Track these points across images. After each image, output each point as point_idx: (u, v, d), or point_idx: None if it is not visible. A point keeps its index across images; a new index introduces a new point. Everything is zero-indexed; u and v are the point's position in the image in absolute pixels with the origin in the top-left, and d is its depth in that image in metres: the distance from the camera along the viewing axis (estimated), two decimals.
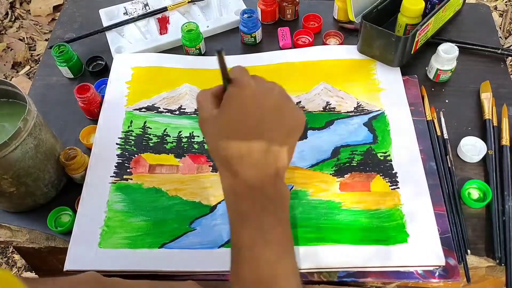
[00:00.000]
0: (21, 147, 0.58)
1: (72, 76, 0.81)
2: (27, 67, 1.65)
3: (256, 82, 0.46)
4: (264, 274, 0.43)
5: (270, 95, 0.46)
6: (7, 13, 1.79)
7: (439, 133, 0.70)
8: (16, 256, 1.23)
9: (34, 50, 1.69)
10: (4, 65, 1.63)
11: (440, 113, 0.72)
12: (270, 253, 0.43)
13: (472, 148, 0.68)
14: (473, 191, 0.64)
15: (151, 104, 0.75)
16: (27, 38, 1.72)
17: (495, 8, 1.70)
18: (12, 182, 0.60)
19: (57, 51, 0.78)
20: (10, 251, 1.24)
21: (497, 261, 0.59)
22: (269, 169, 0.45)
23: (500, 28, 1.64)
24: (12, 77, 1.61)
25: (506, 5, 1.71)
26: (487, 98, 0.73)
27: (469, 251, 0.59)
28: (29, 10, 1.78)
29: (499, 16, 1.68)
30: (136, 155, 0.69)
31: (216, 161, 0.47)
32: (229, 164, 0.45)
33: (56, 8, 1.75)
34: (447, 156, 0.67)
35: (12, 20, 1.78)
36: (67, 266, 0.59)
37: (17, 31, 1.74)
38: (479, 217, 0.63)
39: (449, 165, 0.66)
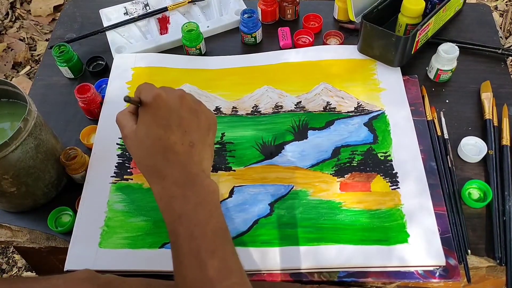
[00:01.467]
0: (22, 147, 0.58)
1: (73, 76, 0.81)
2: (28, 67, 1.64)
3: (165, 91, 0.49)
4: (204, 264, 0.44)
5: (182, 101, 0.49)
6: (7, 13, 1.79)
7: (439, 133, 0.70)
8: (17, 256, 1.23)
9: (35, 50, 1.69)
10: (5, 65, 1.63)
11: (440, 113, 0.72)
12: (208, 243, 0.45)
13: (473, 148, 0.68)
14: (474, 191, 0.64)
15: None
16: (27, 38, 1.72)
17: (496, 8, 1.70)
18: (13, 182, 0.60)
19: (58, 51, 0.78)
20: (11, 251, 1.24)
21: (498, 261, 0.58)
22: (195, 167, 0.48)
23: (500, 28, 1.64)
24: (13, 77, 1.61)
25: (506, 5, 1.71)
26: (487, 98, 0.73)
27: (469, 251, 0.59)
28: (30, 10, 1.78)
29: (500, 16, 1.68)
30: None
31: (144, 172, 0.49)
32: (156, 170, 0.47)
33: (57, 8, 1.75)
34: (447, 156, 0.67)
35: (13, 20, 1.78)
36: (68, 266, 0.59)
37: (17, 31, 1.74)
38: (479, 217, 0.63)
39: (449, 165, 0.66)
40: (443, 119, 0.71)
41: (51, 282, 0.50)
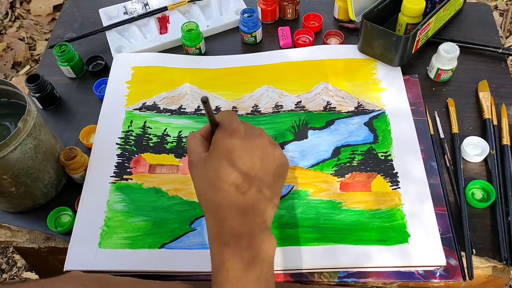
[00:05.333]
0: (21, 147, 0.58)
1: (74, 76, 0.81)
2: (27, 67, 1.64)
3: (245, 128, 0.46)
4: None
5: (259, 142, 0.46)
6: (7, 13, 1.78)
7: (440, 133, 0.69)
8: (16, 256, 1.23)
9: (34, 49, 1.69)
10: (4, 64, 1.63)
11: (441, 113, 0.72)
12: None
13: (475, 148, 0.68)
14: (477, 191, 0.64)
15: (151, 104, 0.74)
16: (27, 37, 1.72)
17: (496, 7, 1.70)
18: (12, 182, 0.60)
19: (59, 50, 0.78)
20: (11, 251, 1.24)
21: (504, 262, 0.58)
22: (257, 217, 0.44)
23: (500, 27, 1.64)
24: (12, 77, 1.61)
25: (506, 4, 1.71)
26: (484, 97, 0.72)
27: (474, 250, 0.59)
28: (29, 10, 1.78)
29: (500, 16, 1.67)
30: (136, 155, 0.69)
31: (203, 206, 0.46)
32: (216, 210, 0.44)
33: (56, 8, 1.75)
34: (445, 156, 0.67)
35: (12, 19, 1.77)
36: (67, 266, 0.59)
37: (17, 30, 1.74)
38: (479, 217, 0.63)
39: (448, 165, 0.66)
40: (437, 119, 0.71)
41: (38, 282, 0.49)
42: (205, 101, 0.43)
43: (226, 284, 0.43)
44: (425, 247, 0.58)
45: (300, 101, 0.74)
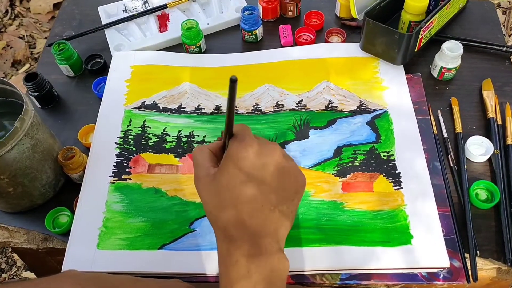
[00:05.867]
0: (18, 147, 0.57)
1: (73, 74, 0.80)
2: (27, 65, 1.64)
3: (259, 143, 0.44)
4: None
5: (273, 157, 0.43)
6: (7, 11, 1.78)
7: (443, 132, 0.68)
8: (16, 256, 1.23)
9: (34, 48, 1.68)
10: (4, 63, 1.62)
11: (444, 112, 0.71)
12: None
13: (479, 148, 0.67)
14: (481, 191, 0.63)
15: (150, 103, 0.74)
16: (27, 36, 1.71)
17: (498, 5, 1.69)
18: (9, 183, 0.59)
19: (57, 49, 0.77)
20: (10, 250, 1.24)
21: (509, 263, 0.57)
22: (270, 237, 0.42)
23: (503, 25, 1.63)
24: (12, 75, 1.60)
25: (509, 2, 1.70)
26: (488, 96, 0.71)
27: (478, 252, 0.58)
28: (29, 8, 1.77)
29: (502, 14, 1.66)
30: (135, 155, 0.68)
31: (212, 223, 0.44)
32: (225, 229, 0.42)
33: (56, 6, 1.74)
34: (449, 156, 0.66)
35: (12, 18, 1.77)
36: (65, 268, 0.58)
37: (17, 29, 1.73)
38: (482, 218, 0.62)
39: (451, 165, 0.65)
40: (441, 118, 0.70)
41: (34, 281, 0.48)
42: (234, 80, 0.38)
43: None
44: (428, 249, 0.57)
45: (301, 100, 0.73)
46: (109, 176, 0.66)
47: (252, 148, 0.43)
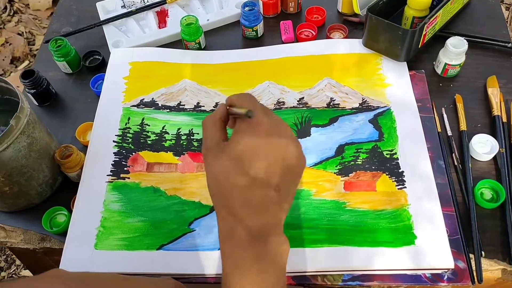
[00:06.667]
0: (14, 145, 0.56)
1: (71, 71, 0.79)
2: (26, 62, 1.63)
3: (270, 122, 0.43)
4: None
5: (283, 140, 0.43)
6: (5, 7, 1.77)
7: (447, 130, 0.67)
8: (15, 255, 1.22)
9: (33, 44, 1.67)
10: (3, 60, 1.61)
11: (448, 110, 0.70)
12: None
13: (484, 146, 0.65)
14: (486, 191, 0.62)
15: (149, 100, 0.72)
16: (26, 32, 1.70)
17: (502, 1, 1.67)
18: (5, 182, 0.58)
19: (55, 45, 0.76)
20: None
21: None
22: (274, 218, 0.42)
23: (507, 22, 1.61)
24: (11, 72, 1.59)
25: None
26: (493, 93, 0.70)
27: (483, 252, 0.57)
28: (28, 5, 1.76)
29: (506, 10, 1.65)
30: (133, 153, 0.67)
31: (214, 198, 0.44)
32: (230, 207, 0.42)
33: (55, 2, 1.73)
34: (453, 154, 0.65)
35: (11, 14, 1.76)
36: (62, 268, 0.57)
37: (16, 25, 1.72)
38: (489, 218, 0.60)
39: (456, 163, 0.64)
40: (445, 116, 0.69)
41: (16, 281, 0.47)
42: (250, 116, 0.42)
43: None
44: (432, 249, 0.56)
45: (303, 98, 0.72)
46: (107, 175, 0.65)
47: (262, 128, 0.43)
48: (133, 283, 0.46)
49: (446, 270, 0.56)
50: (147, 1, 0.86)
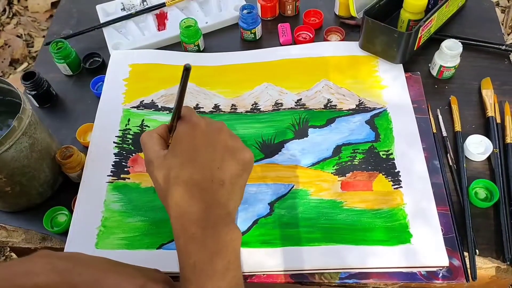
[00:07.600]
0: (16, 146, 0.57)
1: (71, 73, 0.79)
2: (25, 64, 1.63)
3: (206, 121, 0.47)
4: None
5: (220, 135, 0.47)
6: (4, 10, 1.77)
7: (442, 131, 0.68)
8: (14, 255, 1.22)
9: (32, 47, 1.68)
10: (2, 62, 1.62)
11: (443, 111, 0.71)
12: None
13: (478, 146, 0.66)
14: (480, 190, 0.63)
15: (149, 102, 0.73)
16: (25, 35, 1.70)
17: (497, 4, 1.68)
18: (7, 182, 0.59)
19: (55, 47, 0.77)
20: (8, 249, 1.23)
21: (508, 262, 0.57)
22: (222, 209, 0.44)
23: (502, 24, 1.63)
24: (10, 74, 1.60)
25: (508, 1, 1.70)
26: (487, 95, 0.71)
27: (477, 251, 0.58)
28: (27, 7, 1.76)
29: (501, 12, 1.66)
30: (133, 154, 0.68)
31: (164, 202, 0.46)
32: (178, 205, 0.44)
33: (54, 5, 1.73)
34: (448, 154, 0.66)
35: (10, 16, 1.76)
36: None
37: (14, 27, 1.73)
38: (483, 217, 0.62)
39: (450, 163, 0.65)
40: (440, 117, 0.70)
41: (8, 263, 0.48)
42: (188, 68, 0.42)
43: (193, 277, 0.42)
44: (427, 248, 0.57)
45: (300, 99, 0.73)
46: (108, 175, 0.65)
47: (199, 127, 0.46)
48: (120, 268, 0.47)
49: (441, 268, 0.57)
50: (147, 4, 0.87)
